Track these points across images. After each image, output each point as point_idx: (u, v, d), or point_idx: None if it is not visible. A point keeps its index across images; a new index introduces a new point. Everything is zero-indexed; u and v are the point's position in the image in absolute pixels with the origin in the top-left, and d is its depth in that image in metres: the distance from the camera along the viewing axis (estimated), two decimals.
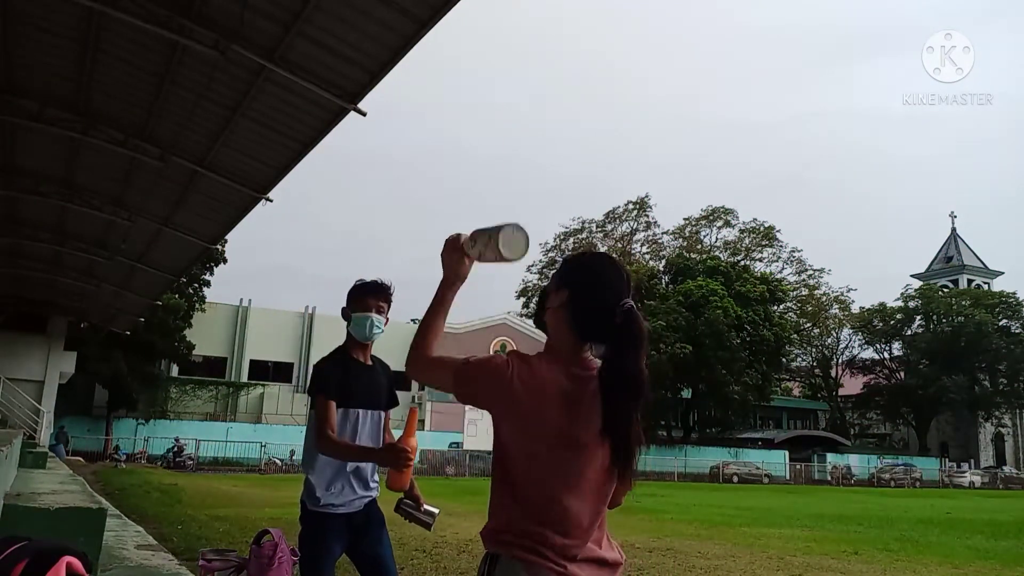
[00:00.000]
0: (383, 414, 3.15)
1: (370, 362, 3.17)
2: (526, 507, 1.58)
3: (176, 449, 30.48)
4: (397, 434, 2.80)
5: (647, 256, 55.53)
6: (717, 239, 57.01)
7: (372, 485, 3.10)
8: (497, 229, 1.66)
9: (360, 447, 2.93)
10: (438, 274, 1.76)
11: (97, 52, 8.05)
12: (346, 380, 3.03)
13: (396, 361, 3.57)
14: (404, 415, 2.67)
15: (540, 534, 1.55)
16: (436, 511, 3.13)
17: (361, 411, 3.03)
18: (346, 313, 3.13)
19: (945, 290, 58.93)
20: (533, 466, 1.59)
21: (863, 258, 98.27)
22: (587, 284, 1.67)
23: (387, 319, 3.14)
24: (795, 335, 53.42)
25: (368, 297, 3.08)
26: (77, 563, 1.40)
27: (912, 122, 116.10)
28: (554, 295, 1.71)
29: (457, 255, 1.74)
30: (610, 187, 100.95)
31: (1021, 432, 58.73)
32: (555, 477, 1.58)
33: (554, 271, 1.77)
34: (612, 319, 1.60)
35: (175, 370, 38.31)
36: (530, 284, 57.95)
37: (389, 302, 3.14)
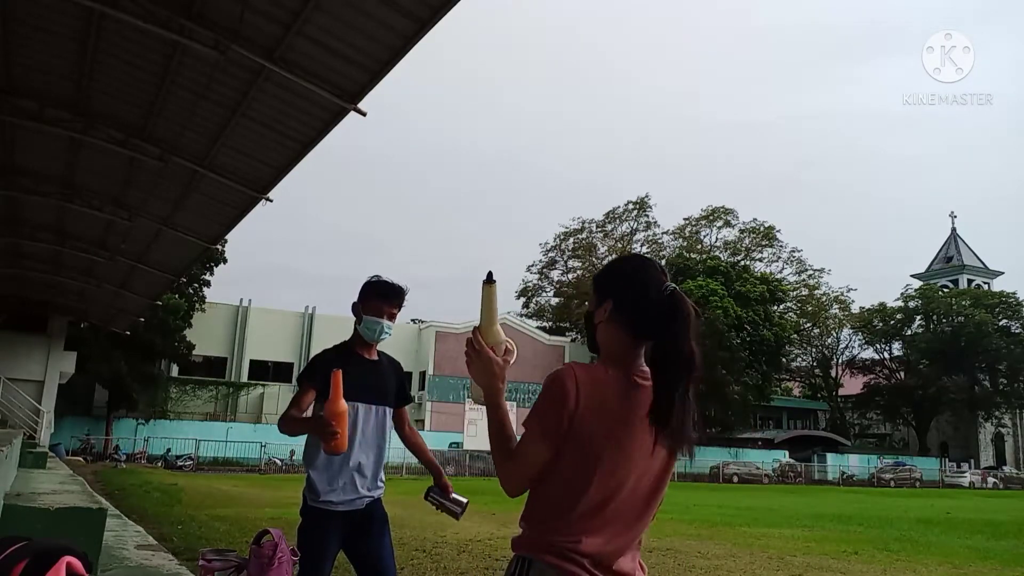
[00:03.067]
0: (388, 410, 3.13)
1: (375, 357, 3.16)
2: (565, 514, 1.57)
3: (113, 449, 30.59)
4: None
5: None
6: (717, 239, 57.11)
7: (378, 484, 3.08)
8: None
9: (297, 418, 2.89)
10: (437, 274, 1.76)
11: (97, 52, 8.05)
12: (345, 372, 3.00)
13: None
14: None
15: (577, 542, 1.54)
16: (465, 500, 3.16)
17: (361, 405, 3.00)
18: (356, 310, 3.09)
19: (945, 290, 58.93)
20: (581, 472, 1.57)
21: (863, 258, 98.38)
22: (627, 284, 1.69)
23: (395, 320, 3.17)
24: (795, 335, 53.46)
25: (383, 303, 3.06)
26: (77, 563, 1.40)
27: (912, 122, 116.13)
28: (599, 311, 1.71)
29: (477, 355, 1.71)
30: (610, 187, 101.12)
31: (1021, 432, 58.73)
32: (604, 484, 1.57)
33: (591, 292, 1.77)
34: (659, 306, 1.62)
35: (175, 370, 38.34)
36: (530, 284, 58.01)
37: (401, 306, 3.13)
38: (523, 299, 57.84)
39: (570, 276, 54.11)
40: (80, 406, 33.20)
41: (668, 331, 1.60)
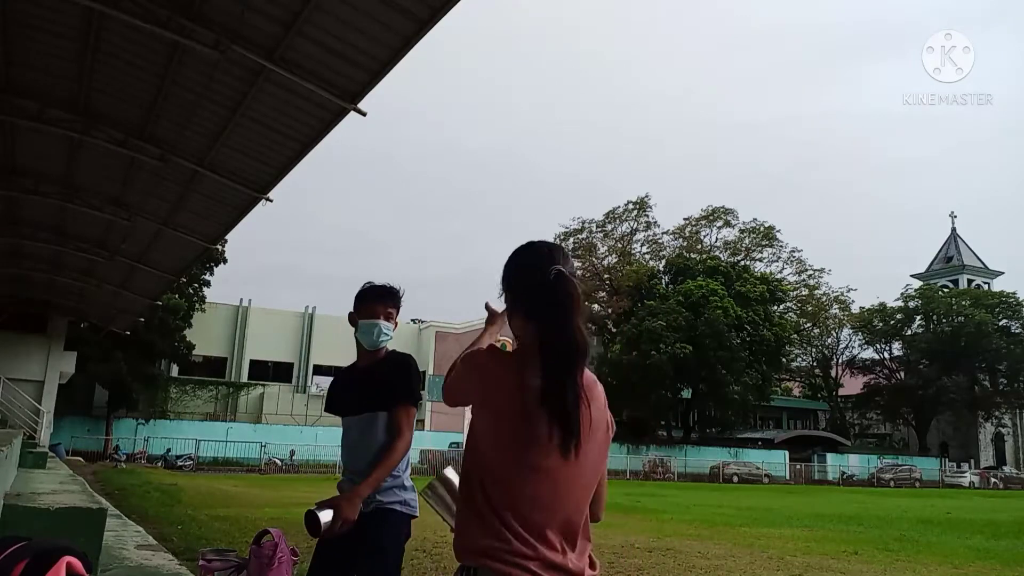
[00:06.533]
0: (374, 415, 2.88)
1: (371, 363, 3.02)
2: (501, 516, 1.53)
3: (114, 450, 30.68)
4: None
5: (647, 256, 55.50)
6: (717, 239, 57.01)
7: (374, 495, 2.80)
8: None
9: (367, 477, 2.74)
10: (437, 274, 1.77)
11: (97, 52, 8.05)
12: (336, 390, 3.08)
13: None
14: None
15: (513, 543, 1.51)
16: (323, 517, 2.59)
17: (343, 419, 2.98)
18: (353, 318, 2.99)
19: (945, 290, 58.88)
20: (505, 471, 1.56)
21: (863, 258, 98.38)
22: (516, 272, 1.71)
23: (396, 324, 3.02)
24: (795, 335, 53.39)
25: (377, 303, 2.95)
26: (77, 563, 1.40)
27: (912, 122, 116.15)
28: (508, 307, 1.73)
29: None
30: (610, 187, 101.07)
31: (1021, 432, 58.71)
32: (526, 480, 1.54)
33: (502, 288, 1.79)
34: (544, 289, 1.61)
35: (175, 370, 38.31)
36: None
37: (398, 307, 3.01)
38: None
39: None
40: (80, 406, 33.17)
41: (552, 314, 1.59)
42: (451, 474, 1.91)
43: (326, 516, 2.57)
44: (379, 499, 2.77)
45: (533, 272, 1.64)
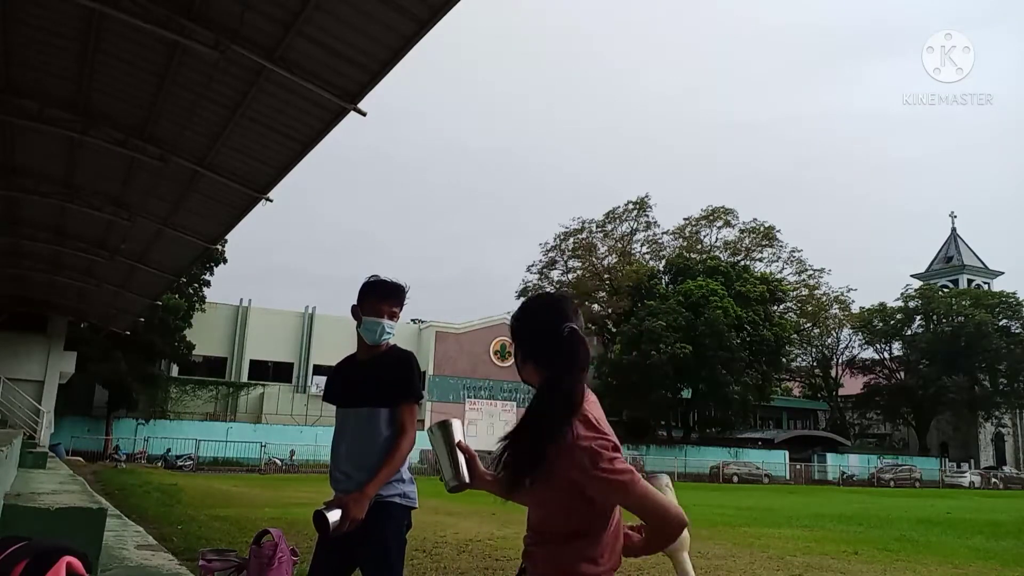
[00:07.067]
0: (373, 411, 2.87)
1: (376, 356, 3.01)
2: (598, 537, 1.70)
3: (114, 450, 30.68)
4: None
5: (647, 256, 55.51)
6: (717, 239, 57.02)
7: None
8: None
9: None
10: (437, 274, 1.81)
11: (97, 52, 8.05)
12: (335, 380, 3.06)
13: None
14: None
15: (605, 561, 1.70)
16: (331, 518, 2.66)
17: (341, 410, 2.98)
18: (356, 312, 2.96)
19: (945, 290, 58.88)
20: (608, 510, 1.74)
21: (863, 258, 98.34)
22: (529, 327, 1.80)
23: (398, 318, 3.02)
24: (795, 335, 53.41)
25: (382, 303, 2.93)
26: (77, 563, 1.40)
27: (912, 122, 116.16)
28: (518, 357, 1.82)
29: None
30: (610, 187, 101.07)
31: (1021, 432, 58.71)
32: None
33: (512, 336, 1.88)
34: (558, 345, 1.71)
35: (175, 370, 38.33)
36: (530, 284, 57.94)
37: (402, 304, 2.99)
38: (523, 299, 57.75)
39: (570, 276, 54.06)
40: (80, 406, 33.18)
41: (560, 368, 1.71)
42: (455, 427, 1.89)
43: (334, 516, 2.63)
44: (378, 492, 2.78)
45: (547, 326, 1.75)
